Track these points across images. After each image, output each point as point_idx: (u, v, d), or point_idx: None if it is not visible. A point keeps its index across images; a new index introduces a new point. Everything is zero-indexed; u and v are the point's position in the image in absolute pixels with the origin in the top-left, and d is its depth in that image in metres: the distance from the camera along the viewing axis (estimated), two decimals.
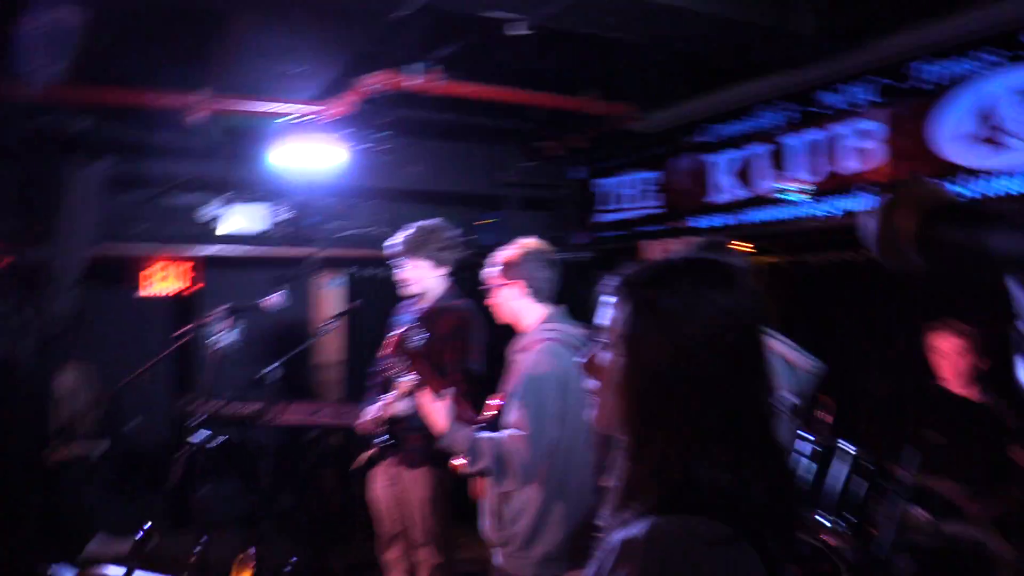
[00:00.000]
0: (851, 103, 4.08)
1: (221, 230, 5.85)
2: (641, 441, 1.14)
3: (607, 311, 1.22)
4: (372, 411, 4.15)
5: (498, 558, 3.05)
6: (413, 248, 3.93)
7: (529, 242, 3.07)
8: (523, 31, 3.50)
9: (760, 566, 1.07)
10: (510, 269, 2.99)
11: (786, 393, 2.81)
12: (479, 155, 6.04)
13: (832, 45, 3.86)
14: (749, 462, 1.10)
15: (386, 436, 4.00)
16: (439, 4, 3.20)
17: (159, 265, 7.38)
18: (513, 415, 2.83)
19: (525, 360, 2.87)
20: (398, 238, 3.99)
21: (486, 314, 4.08)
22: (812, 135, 4.29)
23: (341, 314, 5.73)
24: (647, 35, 3.70)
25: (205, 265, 6.67)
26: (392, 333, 3.06)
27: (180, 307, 7.14)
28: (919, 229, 0.78)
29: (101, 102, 4.00)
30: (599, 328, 1.25)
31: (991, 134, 3.54)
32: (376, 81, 4.16)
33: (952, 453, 2.98)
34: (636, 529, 1.07)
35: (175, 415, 5.15)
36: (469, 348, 3.97)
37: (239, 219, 5.90)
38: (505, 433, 2.83)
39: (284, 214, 5.97)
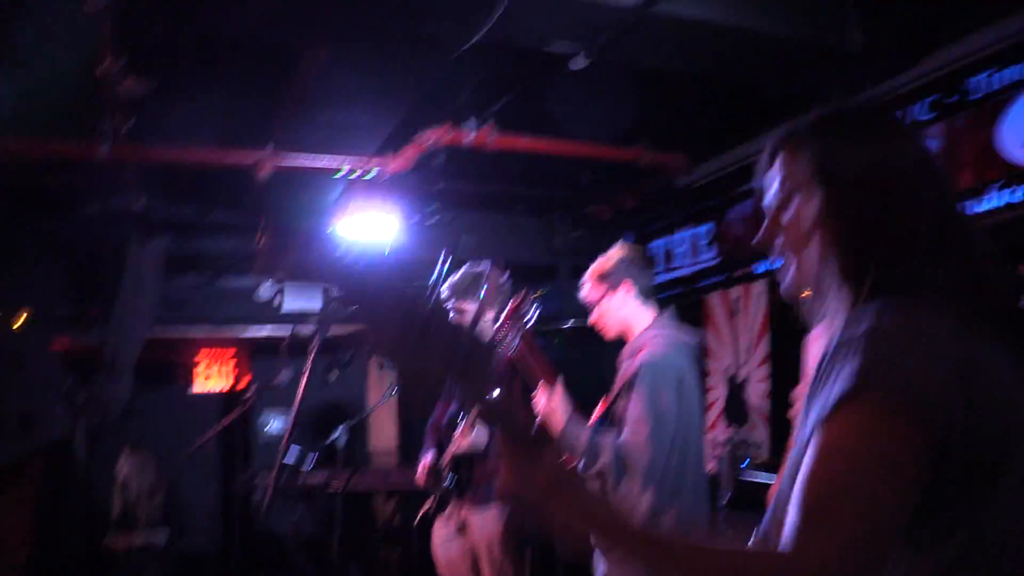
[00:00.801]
0: (909, 120, 4.06)
1: (275, 311, 5.87)
2: (858, 262, 1.11)
3: (774, 170, 1.26)
4: (430, 458, 3.98)
5: (601, 566, 2.83)
6: (460, 292, 3.98)
7: (617, 247, 3.02)
8: (582, 64, 3.56)
9: (1005, 355, 1.00)
10: (610, 276, 2.93)
11: None
12: (528, 225, 6.08)
13: (883, 62, 3.88)
14: (966, 265, 1.08)
15: (451, 478, 3.83)
16: (498, 36, 3.26)
17: (208, 361, 7.41)
18: (632, 410, 2.70)
19: (642, 357, 2.77)
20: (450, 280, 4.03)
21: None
22: None
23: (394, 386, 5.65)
24: (698, 62, 3.76)
25: (254, 354, 6.67)
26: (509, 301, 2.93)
27: (231, 404, 7.08)
28: None
29: (164, 161, 4.08)
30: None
31: None
32: (433, 135, 4.24)
33: None
34: (864, 324, 1.00)
35: (237, 489, 4.97)
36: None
37: (293, 299, 5.92)
38: (625, 432, 2.69)
39: (338, 292, 5.99)
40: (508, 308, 2.86)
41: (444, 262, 2.06)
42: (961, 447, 0.93)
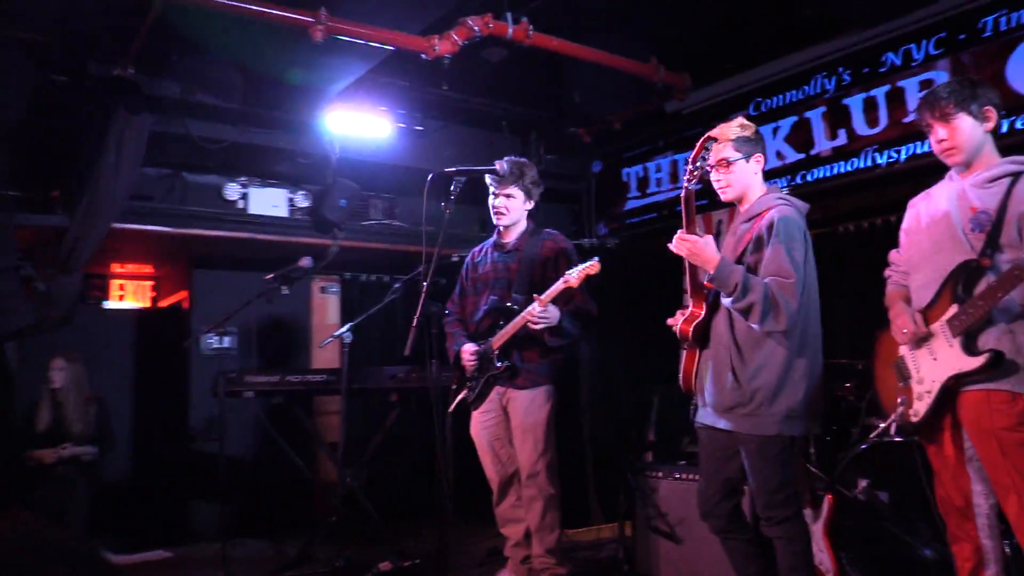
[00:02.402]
0: (915, 58, 4.40)
1: (241, 212, 5.49)
2: None
3: None
4: (471, 346, 3.93)
5: (721, 422, 2.93)
6: (514, 177, 3.97)
7: (744, 120, 3.11)
8: None
9: None
10: (747, 145, 3.03)
11: None
12: (506, 144, 6.03)
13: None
14: None
15: (502, 362, 3.82)
16: None
17: (125, 279, 6.83)
18: (774, 259, 2.82)
19: (771, 216, 2.89)
20: (497, 167, 3.98)
21: None
22: (872, 92, 4.59)
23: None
24: None
25: (198, 263, 6.19)
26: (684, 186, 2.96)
27: (148, 320, 6.57)
28: None
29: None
30: None
31: None
32: (478, 23, 4.15)
33: None
34: None
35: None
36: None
37: (259, 202, 5.56)
38: (772, 277, 2.80)
39: (305, 200, 5.71)
40: (695, 150, 2.92)
41: None
42: None
